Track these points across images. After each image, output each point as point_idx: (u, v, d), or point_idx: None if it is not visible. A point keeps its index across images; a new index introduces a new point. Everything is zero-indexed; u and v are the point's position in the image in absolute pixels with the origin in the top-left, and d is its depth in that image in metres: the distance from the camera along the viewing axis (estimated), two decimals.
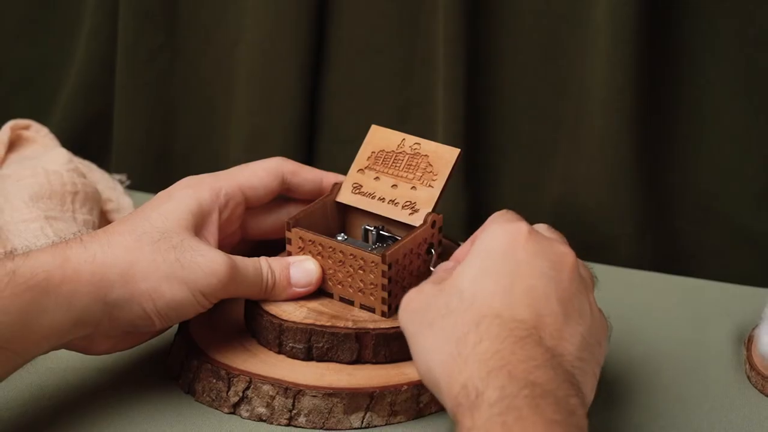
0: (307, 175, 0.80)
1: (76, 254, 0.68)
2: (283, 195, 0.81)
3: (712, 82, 0.99)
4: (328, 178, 0.81)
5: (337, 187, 0.81)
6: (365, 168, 0.80)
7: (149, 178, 1.12)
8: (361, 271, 0.76)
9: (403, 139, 0.81)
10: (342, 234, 0.81)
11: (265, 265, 0.75)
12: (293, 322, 0.75)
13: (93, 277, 0.68)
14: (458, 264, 0.68)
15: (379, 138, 0.81)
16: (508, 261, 0.65)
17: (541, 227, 0.70)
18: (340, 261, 0.76)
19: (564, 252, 0.66)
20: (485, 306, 0.63)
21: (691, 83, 1.00)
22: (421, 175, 0.79)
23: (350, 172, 0.81)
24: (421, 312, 0.65)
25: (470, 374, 0.59)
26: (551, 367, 0.60)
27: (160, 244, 0.70)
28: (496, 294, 0.63)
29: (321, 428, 0.72)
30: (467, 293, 0.64)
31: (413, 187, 0.79)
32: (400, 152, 0.80)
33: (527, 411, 0.56)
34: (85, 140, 1.15)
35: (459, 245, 0.86)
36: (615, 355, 0.83)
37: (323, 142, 1.11)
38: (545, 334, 0.62)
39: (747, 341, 0.83)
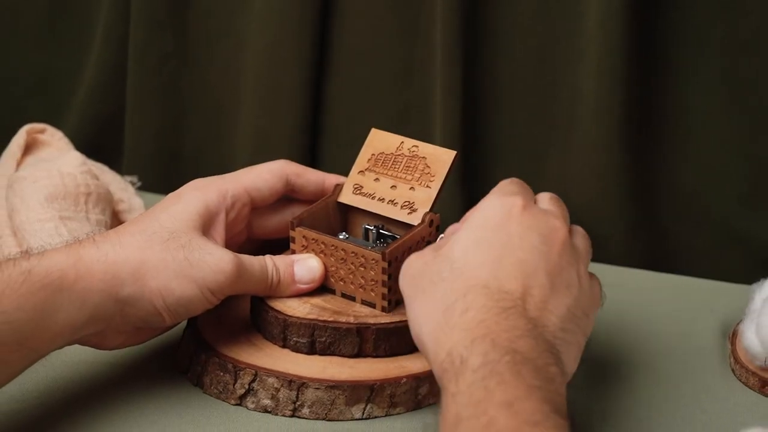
0: (310, 177, 0.80)
1: (88, 253, 0.68)
2: (288, 196, 0.80)
3: (698, 88, 0.99)
4: (330, 179, 0.81)
5: (338, 188, 0.80)
6: (365, 170, 0.80)
7: (159, 180, 1.12)
8: (362, 269, 0.76)
9: (402, 141, 0.81)
10: (344, 233, 0.81)
11: (270, 263, 0.75)
12: (297, 317, 0.75)
13: (105, 276, 0.68)
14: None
15: (379, 141, 0.81)
16: (501, 233, 0.65)
17: (544, 197, 0.71)
18: (342, 259, 0.76)
19: (556, 227, 0.67)
20: (474, 276, 0.64)
21: (678, 89, 0.99)
22: (419, 176, 0.79)
23: (351, 173, 0.81)
24: (417, 277, 0.66)
25: (455, 342, 0.60)
26: (533, 337, 0.60)
27: (169, 244, 0.70)
28: (485, 265, 0.64)
29: (324, 419, 0.72)
30: (458, 263, 0.65)
31: (412, 188, 0.79)
32: (399, 154, 0.80)
33: (509, 376, 0.57)
34: (97, 143, 1.15)
35: None
36: (606, 348, 0.83)
37: (326, 144, 1.11)
38: (530, 305, 0.63)
39: (732, 335, 0.82)
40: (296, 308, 0.76)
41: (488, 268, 0.64)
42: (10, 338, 0.64)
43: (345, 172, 0.82)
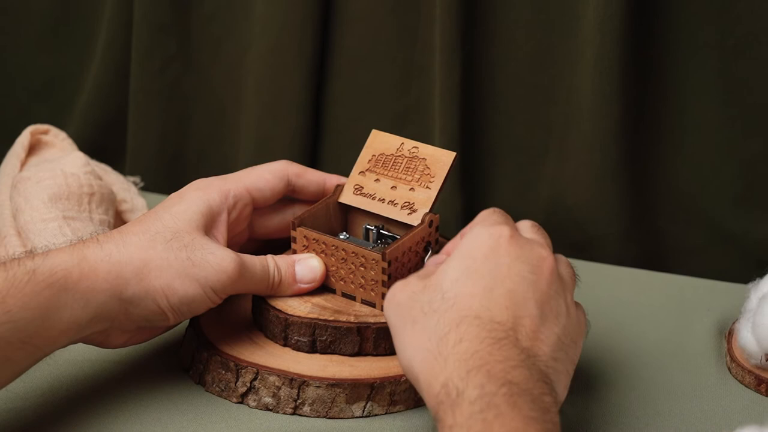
0: (311, 177, 0.80)
1: (92, 253, 0.68)
2: (289, 196, 0.80)
3: (693, 90, 0.99)
4: (331, 179, 0.81)
5: (339, 188, 0.80)
6: (366, 170, 0.80)
7: (162, 181, 1.12)
8: (362, 268, 0.75)
9: (402, 143, 0.80)
10: (344, 233, 0.81)
11: (272, 262, 0.75)
12: (298, 316, 0.74)
13: (109, 275, 0.67)
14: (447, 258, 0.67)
15: (379, 142, 0.81)
16: (490, 263, 0.64)
17: (525, 225, 0.70)
18: (343, 258, 0.76)
19: (543, 256, 0.66)
20: (466, 307, 0.63)
21: (672, 91, 0.99)
22: (419, 177, 0.79)
23: (352, 174, 0.81)
24: (405, 307, 0.65)
25: (450, 373, 0.59)
26: (527, 368, 0.60)
27: (172, 243, 0.70)
28: (476, 296, 0.63)
29: (324, 417, 0.72)
30: (449, 294, 0.63)
31: (411, 189, 0.78)
32: (399, 155, 0.80)
33: (506, 408, 0.56)
34: (101, 144, 1.15)
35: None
36: (602, 347, 0.83)
37: (326, 146, 1.11)
38: (522, 336, 0.62)
39: (727, 334, 0.82)
40: (297, 307, 0.75)
41: (479, 299, 0.63)
42: (15, 337, 0.64)
43: (345, 173, 0.81)
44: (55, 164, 0.91)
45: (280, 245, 0.81)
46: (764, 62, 0.97)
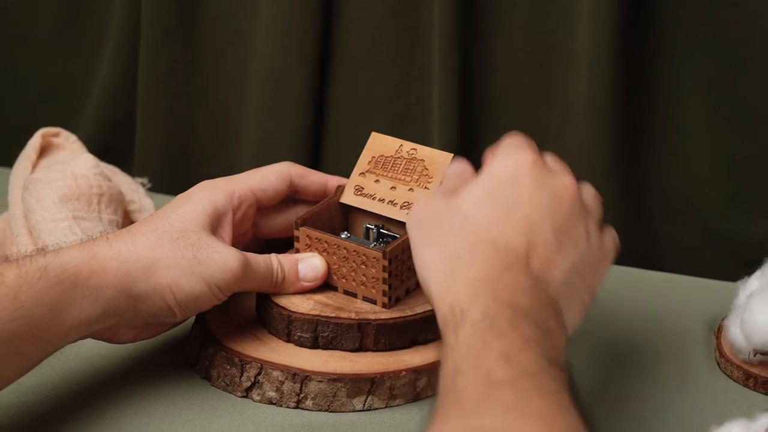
0: (313, 178, 0.80)
1: (102, 251, 0.68)
2: (291, 196, 0.80)
3: (685, 93, 0.99)
4: (333, 180, 0.81)
5: (340, 189, 0.80)
6: (366, 171, 0.80)
7: (169, 181, 1.12)
8: (363, 266, 0.75)
9: (401, 144, 0.80)
10: (345, 232, 0.81)
11: (275, 261, 0.75)
12: (301, 313, 0.74)
13: (118, 272, 0.68)
14: (467, 175, 0.68)
15: (379, 144, 0.81)
16: (511, 189, 0.64)
17: (548, 156, 0.70)
18: (344, 257, 0.76)
19: (566, 183, 0.66)
20: (483, 231, 0.63)
21: (665, 94, 1.00)
22: (417, 177, 0.79)
23: (353, 175, 0.81)
24: (427, 224, 0.65)
25: (458, 295, 0.60)
26: (534, 293, 0.60)
27: (179, 242, 0.70)
28: (494, 221, 0.63)
29: (326, 411, 0.72)
30: (471, 217, 0.64)
31: (410, 189, 0.78)
32: (399, 157, 0.80)
33: (507, 329, 0.56)
34: (110, 146, 1.15)
35: None
36: (596, 343, 0.83)
37: (328, 147, 1.11)
38: (534, 261, 0.62)
39: (717, 331, 0.82)
40: (300, 304, 0.75)
41: (497, 224, 0.63)
42: (27, 332, 0.64)
43: (346, 174, 0.81)
44: (66, 166, 0.90)
45: (284, 244, 0.81)
46: (755, 65, 0.97)
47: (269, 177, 0.78)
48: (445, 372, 0.56)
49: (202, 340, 0.76)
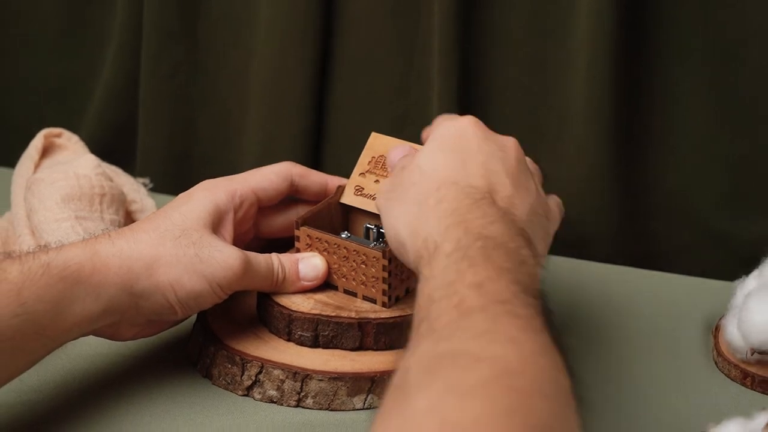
0: (314, 178, 0.80)
1: (104, 248, 0.68)
2: (292, 196, 0.80)
3: (682, 94, 0.99)
4: (333, 181, 0.81)
5: (340, 189, 0.80)
6: (366, 172, 0.80)
7: (170, 182, 1.12)
8: (363, 266, 0.75)
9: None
10: (346, 232, 0.81)
11: (276, 260, 0.75)
12: (301, 312, 0.74)
13: (120, 270, 0.68)
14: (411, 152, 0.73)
15: (379, 144, 0.81)
16: (462, 142, 0.68)
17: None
18: (345, 257, 0.76)
19: (509, 139, 0.70)
20: (443, 175, 0.65)
21: (663, 95, 1.00)
22: None
23: (353, 175, 0.81)
24: (389, 191, 0.69)
25: (430, 230, 0.61)
26: (504, 223, 0.61)
27: (181, 240, 0.70)
28: (451, 168, 0.66)
29: (327, 409, 0.72)
30: (427, 167, 0.67)
31: None
32: None
33: (479, 259, 0.57)
34: (112, 147, 1.15)
35: None
36: (594, 342, 0.83)
37: (328, 148, 1.11)
38: (498, 199, 0.65)
39: (715, 330, 0.82)
40: (301, 304, 0.75)
41: (455, 170, 0.66)
42: (30, 328, 0.64)
43: (347, 174, 0.81)
44: (68, 166, 0.91)
45: (284, 244, 0.81)
46: (751, 67, 0.97)
47: (270, 176, 0.78)
48: (420, 303, 0.57)
49: (204, 339, 0.76)
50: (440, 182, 0.65)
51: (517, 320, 0.53)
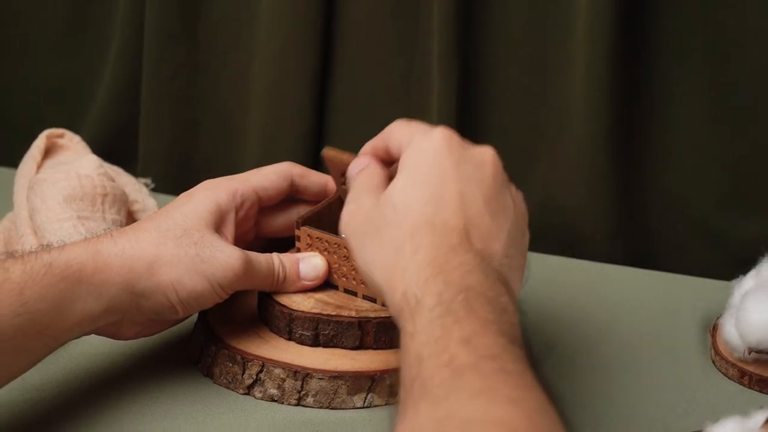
0: (314, 179, 0.80)
1: (106, 248, 0.68)
2: (292, 196, 0.80)
3: (680, 95, 0.99)
4: (333, 181, 0.81)
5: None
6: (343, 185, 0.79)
7: (172, 182, 1.12)
8: None
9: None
10: None
11: (277, 260, 0.75)
12: (302, 311, 0.74)
13: (122, 269, 0.68)
14: (375, 169, 0.69)
15: (337, 158, 0.79)
16: (436, 169, 0.64)
17: (443, 129, 0.69)
18: (345, 256, 0.76)
19: (485, 152, 0.66)
20: (418, 215, 0.62)
21: (661, 96, 1.00)
22: None
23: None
24: (361, 226, 0.65)
25: (409, 283, 0.59)
26: (482, 270, 0.59)
27: (182, 240, 0.70)
28: (427, 203, 0.63)
29: (327, 408, 0.72)
30: (401, 205, 0.63)
31: None
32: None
33: (463, 313, 0.56)
34: (113, 147, 1.15)
35: None
36: (592, 341, 0.83)
37: None
38: (474, 237, 0.62)
39: (712, 329, 0.82)
40: (301, 303, 0.75)
41: (430, 206, 0.62)
42: (32, 327, 0.64)
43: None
44: (70, 166, 0.91)
45: (285, 244, 0.81)
46: (748, 68, 0.97)
47: (271, 176, 0.78)
48: (408, 360, 0.56)
49: (205, 339, 0.76)
50: (415, 225, 0.62)
51: (510, 377, 0.52)
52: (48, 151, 0.97)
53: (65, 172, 0.89)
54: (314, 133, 1.10)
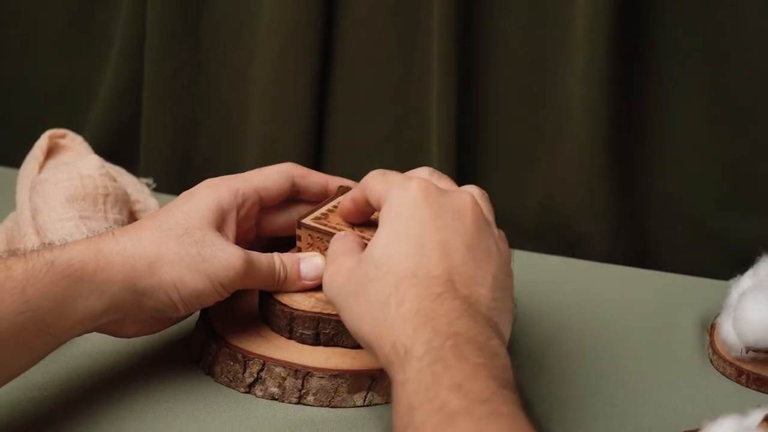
0: (315, 179, 0.80)
1: (108, 246, 0.68)
2: (293, 197, 0.80)
3: (678, 96, 0.99)
4: (334, 181, 0.81)
5: (342, 189, 0.80)
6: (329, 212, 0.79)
7: (173, 182, 1.12)
8: None
9: None
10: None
11: (278, 260, 0.75)
12: (303, 310, 0.74)
13: (123, 268, 0.68)
14: (353, 240, 0.68)
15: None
16: (415, 221, 0.63)
17: (423, 171, 0.69)
18: None
19: (464, 199, 0.65)
20: (401, 268, 0.61)
21: (659, 97, 1.00)
22: None
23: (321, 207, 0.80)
24: (345, 288, 0.64)
25: (398, 334, 0.58)
26: (470, 316, 0.59)
27: (183, 239, 0.70)
28: (408, 256, 0.62)
29: (327, 406, 0.72)
30: (382, 260, 0.62)
31: None
32: None
33: (453, 360, 0.55)
34: (115, 147, 1.15)
35: None
36: (591, 340, 0.83)
37: (329, 149, 1.11)
38: (460, 285, 0.61)
39: (710, 328, 0.82)
40: (302, 302, 0.75)
41: (412, 258, 0.62)
42: (34, 325, 0.64)
43: (347, 174, 0.81)
44: (72, 167, 0.91)
45: (286, 243, 0.81)
46: (746, 69, 0.97)
47: (272, 176, 0.77)
48: (399, 409, 0.55)
49: (206, 337, 0.76)
50: (399, 278, 0.61)
51: (503, 420, 0.52)
52: (50, 152, 0.97)
53: (67, 172, 0.89)
54: (314, 133, 1.10)
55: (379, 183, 0.68)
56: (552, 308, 0.88)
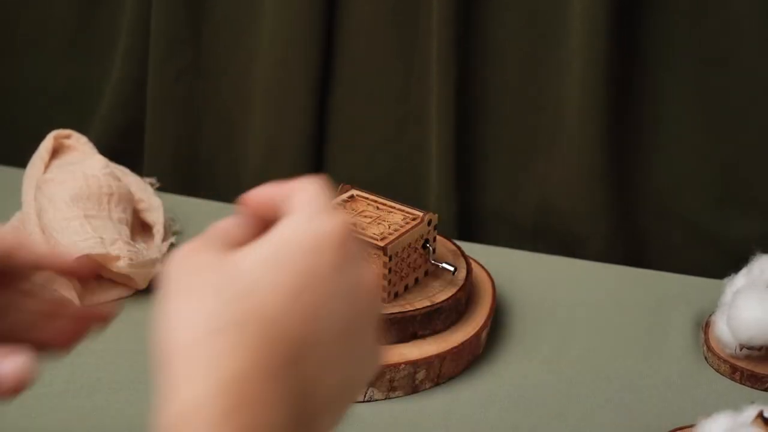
0: (26, 255, 0.56)
1: None
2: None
3: (673, 98, 0.99)
4: (54, 258, 0.57)
5: (343, 188, 0.80)
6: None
7: (177, 182, 1.12)
8: None
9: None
10: None
11: None
12: None
13: None
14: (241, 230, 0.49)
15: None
16: (309, 262, 0.46)
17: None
18: None
19: (368, 280, 0.48)
20: (260, 305, 0.44)
21: (655, 99, 1.00)
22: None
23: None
24: (190, 271, 0.46)
25: (204, 398, 0.42)
26: (292, 418, 0.44)
27: None
28: (278, 295, 0.45)
29: None
30: (248, 279, 0.45)
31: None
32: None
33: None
34: (119, 148, 1.15)
35: (452, 241, 0.86)
36: (588, 338, 0.83)
37: (330, 150, 1.11)
38: (310, 362, 0.45)
39: (705, 326, 0.83)
40: None
41: (280, 301, 0.45)
42: None
43: (348, 176, 0.81)
44: (77, 167, 0.91)
45: None
46: (739, 73, 0.97)
47: None
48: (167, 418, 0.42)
49: None
50: (251, 314, 0.44)
51: None
52: (55, 152, 0.97)
53: (72, 172, 0.89)
54: (315, 134, 1.10)
55: (306, 195, 0.49)
56: (549, 307, 0.88)
